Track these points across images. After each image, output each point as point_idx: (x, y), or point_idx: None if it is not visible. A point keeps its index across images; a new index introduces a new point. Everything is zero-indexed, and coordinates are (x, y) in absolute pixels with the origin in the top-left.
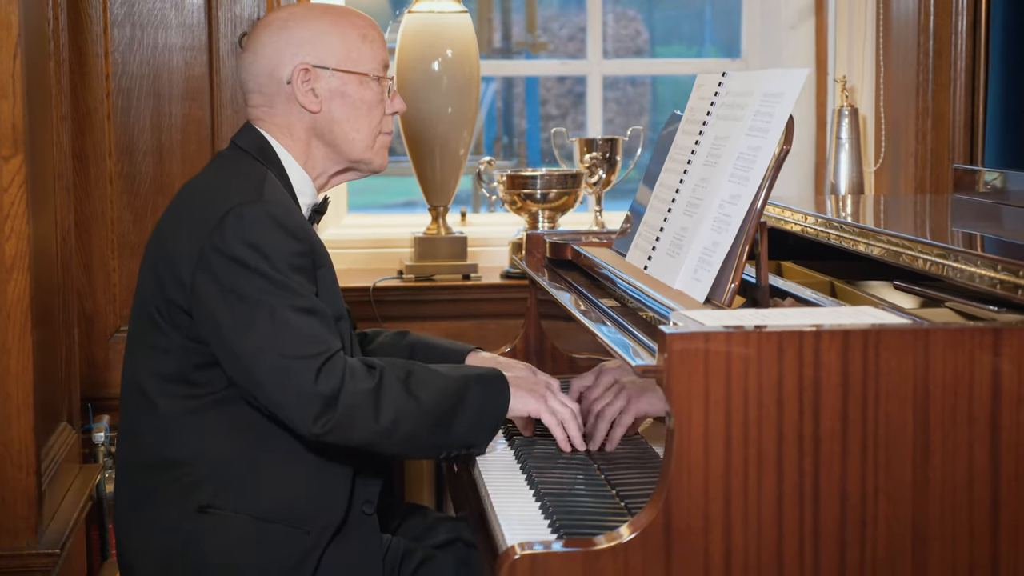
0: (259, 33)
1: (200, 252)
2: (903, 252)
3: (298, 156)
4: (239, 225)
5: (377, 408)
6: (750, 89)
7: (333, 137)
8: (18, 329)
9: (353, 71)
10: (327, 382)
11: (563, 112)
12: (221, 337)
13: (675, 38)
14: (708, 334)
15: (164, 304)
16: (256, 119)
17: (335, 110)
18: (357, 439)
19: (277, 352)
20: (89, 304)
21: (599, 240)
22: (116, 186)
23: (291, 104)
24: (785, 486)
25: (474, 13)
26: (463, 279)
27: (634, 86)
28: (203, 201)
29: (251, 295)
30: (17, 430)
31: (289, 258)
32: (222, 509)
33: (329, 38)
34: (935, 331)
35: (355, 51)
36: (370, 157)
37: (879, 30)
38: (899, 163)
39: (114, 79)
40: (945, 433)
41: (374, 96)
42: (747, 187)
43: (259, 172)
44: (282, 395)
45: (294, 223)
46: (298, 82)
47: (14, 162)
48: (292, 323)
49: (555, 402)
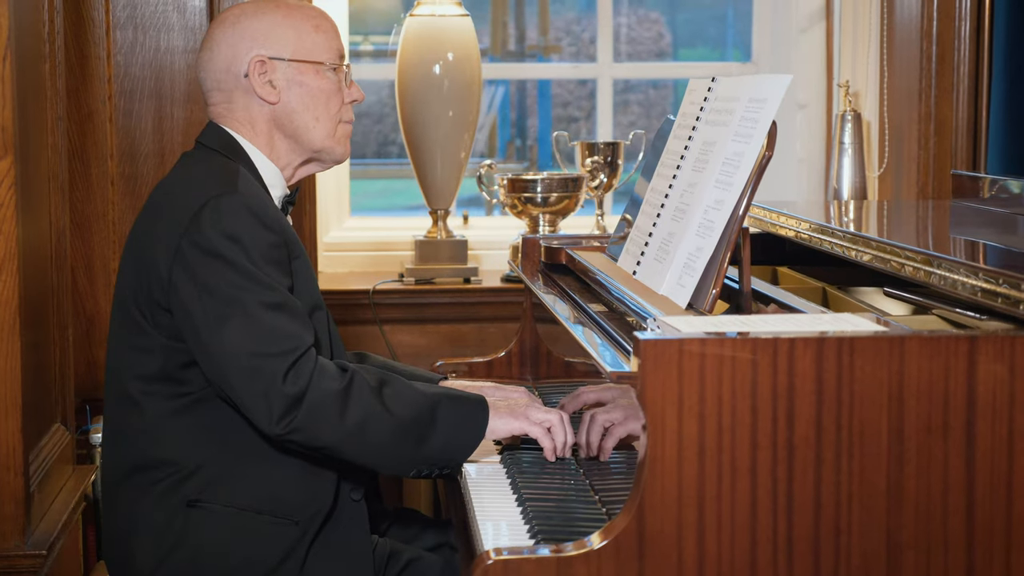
0: (213, 31)
1: (177, 247)
2: (890, 259)
3: (263, 149)
4: (216, 216)
5: (344, 409)
6: (737, 95)
7: (294, 128)
8: (6, 330)
9: (308, 60)
10: (295, 383)
11: (585, 115)
12: (195, 333)
13: (699, 40)
14: (682, 340)
15: (147, 304)
16: (218, 116)
17: (293, 100)
18: (321, 441)
19: (248, 350)
20: (90, 305)
21: (596, 244)
22: (118, 188)
23: (250, 97)
24: (759, 493)
25: (487, 16)
26: (463, 282)
27: (656, 89)
28: (178, 196)
29: (224, 291)
30: (4, 431)
31: (265, 249)
32: (211, 503)
33: (282, 29)
34: (910, 339)
35: (309, 41)
36: (331, 146)
37: (883, 35)
38: (902, 168)
39: (116, 81)
40: (920, 441)
41: (331, 85)
42: (730, 192)
43: (231, 167)
44: (249, 394)
45: (269, 215)
46: (255, 74)
47: (4, 163)
48: (264, 320)
49: (538, 414)
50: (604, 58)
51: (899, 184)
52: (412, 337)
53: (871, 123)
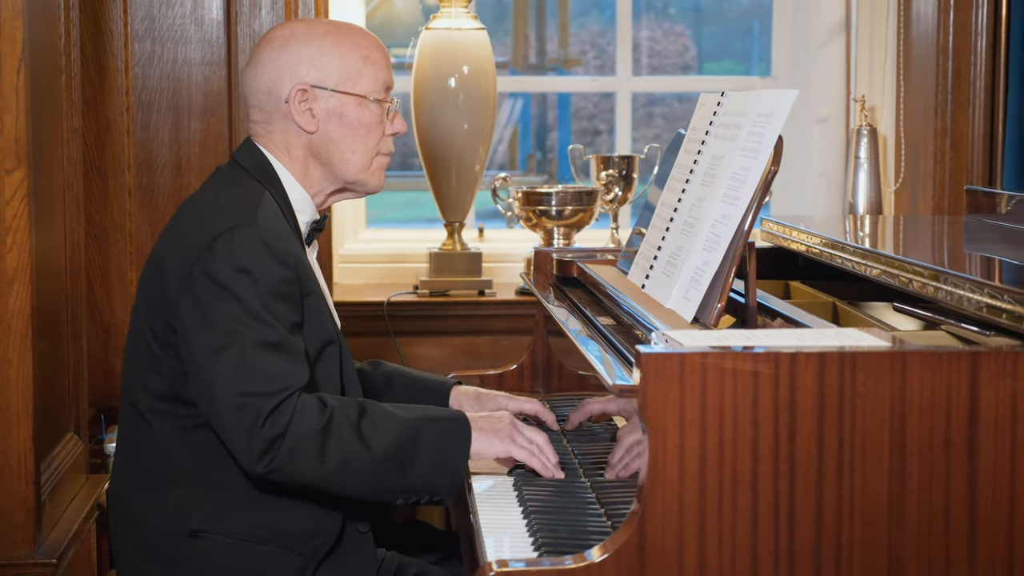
0: (261, 49)
1: (188, 274)
2: (898, 274)
3: (296, 174)
4: (229, 248)
5: (323, 449)
6: (745, 109)
7: (329, 157)
8: (18, 340)
9: (352, 92)
10: (274, 425)
11: (609, 128)
12: (192, 361)
13: (725, 54)
14: (684, 354)
15: (159, 323)
16: (256, 135)
17: (332, 130)
18: (304, 479)
19: (236, 388)
20: (107, 315)
21: (610, 258)
22: (135, 199)
23: (288, 123)
24: (760, 507)
25: (509, 29)
26: (478, 295)
27: (681, 102)
28: (198, 222)
29: (224, 324)
30: (16, 440)
31: (275, 284)
32: (212, 534)
33: (330, 58)
34: (912, 354)
35: (355, 72)
36: (365, 178)
37: (900, 50)
38: (918, 183)
39: (134, 93)
40: (922, 457)
41: (373, 118)
42: (737, 207)
43: (256, 193)
44: (233, 430)
45: (283, 249)
46: (295, 102)
47: (16, 175)
48: (258, 359)
49: (522, 438)
50: (623, 71)
51: (915, 199)
52: (426, 349)
53: (887, 138)
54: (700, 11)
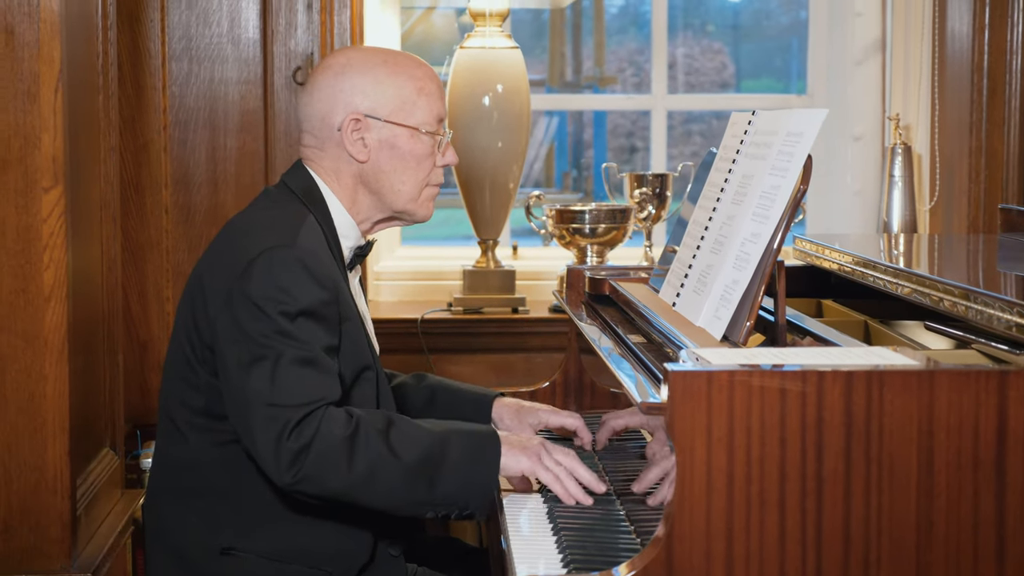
0: (318, 75)
1: (228, 293)
2: (928, 293)
3: (344, 200)
4: (267, 268)
5: (350, 456)
6: (775, 128)
7: (379, 186)
8: (55, 356)
9: (405, 124)
10: (300, 436)
11: (646, 145)
12: (225, 373)
13: (764, 71)
14: (712, 372)
15: (197, 340)
16: (307, 159)
17: (382, 161)
18: (329, 489)
19: (267, 400)
20: (143, 331)
21: (643, 276)
22: (171, 216)
23: (340, 150)
24: (788, 525)
25: (546, 46)
26: (511, 312)
27: (719, 120)
28: (240, 241)
29: (259, 340)
30: (52, 455)
31: (312, 305)
32: (244, 552)
33: (384, 88)
34: (940, 373)
35: (409, 103)
36: (414, 209)
37: (934, 68)
38: (952, 202)
39: (171, 111)
40: (950, 476)
41: (424, 149)
42: (766, 225)
43: (300, 215)
44: (261, 441)
45: (323, 272)
46: (348, 131)
47: (53, 193)
48: (291, 373)
49: (550, 459)
50: (658, 89)
51: (949, 217)
52: (459, 366)
53: (922, 156)
54: (739, 28)
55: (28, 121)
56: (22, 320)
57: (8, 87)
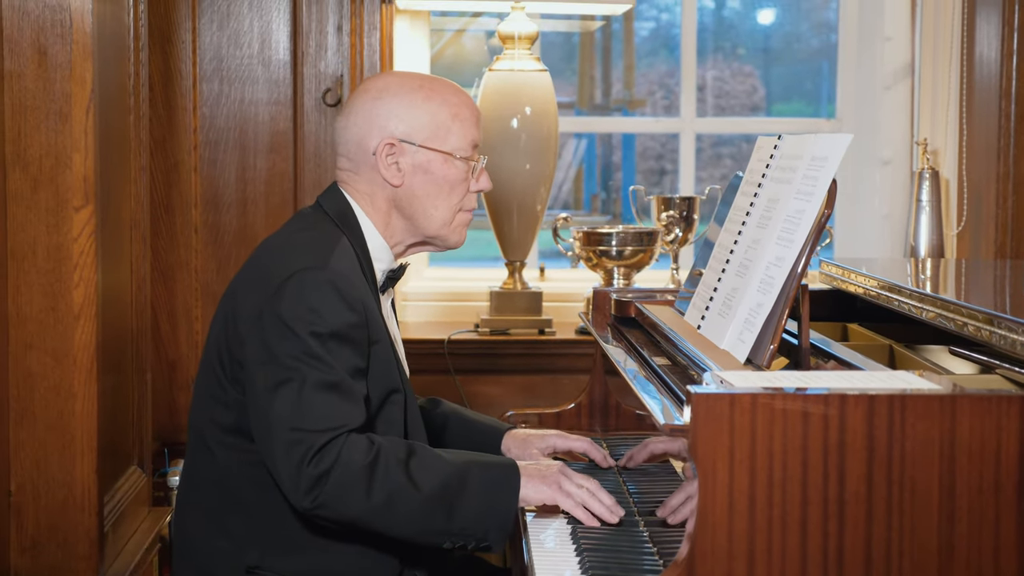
0: (355, 99)
1: (259, 313)
2: (953, 318)
3: (378, 224)
4: (299, 290)
5: (369, 485)
6: (800, 153)
7: (412, 211)
8: (84, 374)
9: (439, 149)
10: (321, 462)
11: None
12: (253, 396)
13: (794, 94)
14: (735, 395)
15: (228, 358)
16: (342, 181)
17: (416, 186)
18: (350, 516)
19: (291, 424)
20: (172, 351)
21: (669, 298)
22: (201, 236)
23: (374, 174)
24: (809, 548)
25: (576, 69)
26: (538, 334)
27: (748, 143)
28: (273, 262)
29: (286, 362)
30: (80, 472)
31: (341, 328)
32: (270, 572)
33: (419, 113)
34: (961, 398)
35: (444, 129)
36: (446, 234)
37: (962, 94)
38: (980, 226)
39: (202, 132)
40: (971, 500)
41: (458, 175)
42: (791, 249)
43: (334, 237)
44: (281, 464)
45: (354, 295)
46: (382, 155)
47: (84, 212)
48: (315, 397)
49: (570, 485)
50: (687, 112)
51: (977, 242)
52: (486, 387)
53: (950, 181)
54: (769, 51)
55: (60, 141)
56: (52, 338)
57: (40, 107)
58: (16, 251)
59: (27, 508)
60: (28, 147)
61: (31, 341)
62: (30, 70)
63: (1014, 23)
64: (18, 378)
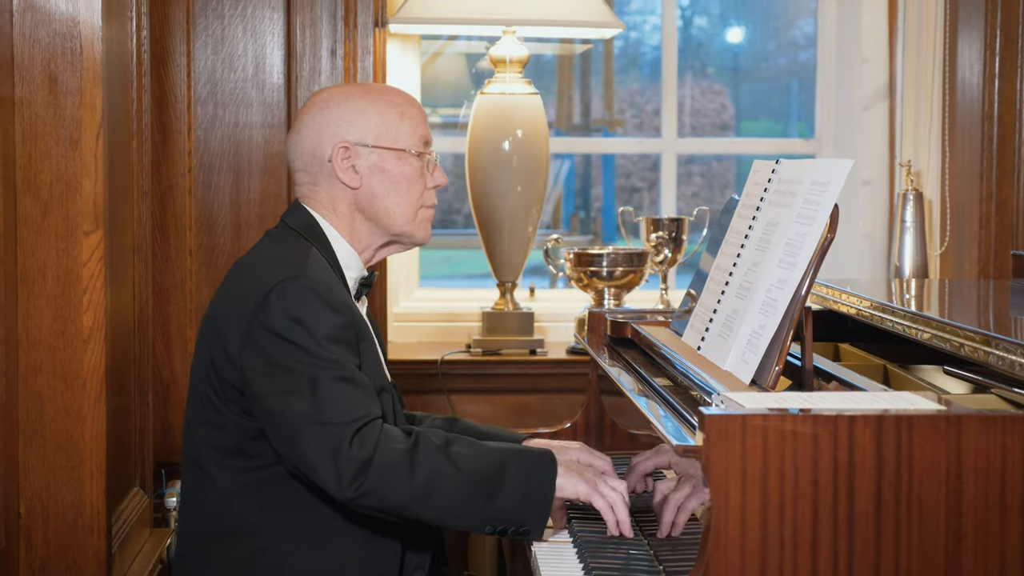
0: (302, 115)
1: (247, 331)
2: (949, 338)
3: (343, 231)
4: (282, 301)
5: (412, 469)
6: (800, 177)
7: (375, 212)
8: (93, 397)
9: (391, 147)
10: (362, 448)
11: (648, 185)
12: (265, 406)
13: (762, 113)
14: (746, 416)
15: (218, 382)
16: (303, 197)
17: (375, 185)
18: (391, 501)
19: (315, 419)
20: (166, 372)
21: (660, 319)
22: (195, 258)
23: (333, 181)
24: (820, 565)
25: (554, 89)
26: (529, 354)
27: (719, 161)
28: (249, 279)
29: (293, 366)
30: (89, 494)
31: (331, 331)
32: None
33: (367, 116)
34: (967, 418)
35: (393, 128)
36: (411, 230)
37: (945, 116)
38: (963, 247)
39: (196, 155)
40: (977, 518)
41: (414, 171)
42: (794, 272)
43: (304, 249)
44: (318, 459)
45: (335, 298)
46: (338, 160)
47: (94, 237)
48: (333, 391)
49: (605, 487)
50: (668, 133)
51: (960, 263)
52: (478, 407)
53: (932, 202)
54: (738, 70)
55: (70, 167)
56: (61, 362)
57: (51, 133)
58: (26, 275)
59: (36, 530)
60: (38, 173)
61: (40, 365)
62: (41, 97)
63: (995, 47)
64: (28, 401)
